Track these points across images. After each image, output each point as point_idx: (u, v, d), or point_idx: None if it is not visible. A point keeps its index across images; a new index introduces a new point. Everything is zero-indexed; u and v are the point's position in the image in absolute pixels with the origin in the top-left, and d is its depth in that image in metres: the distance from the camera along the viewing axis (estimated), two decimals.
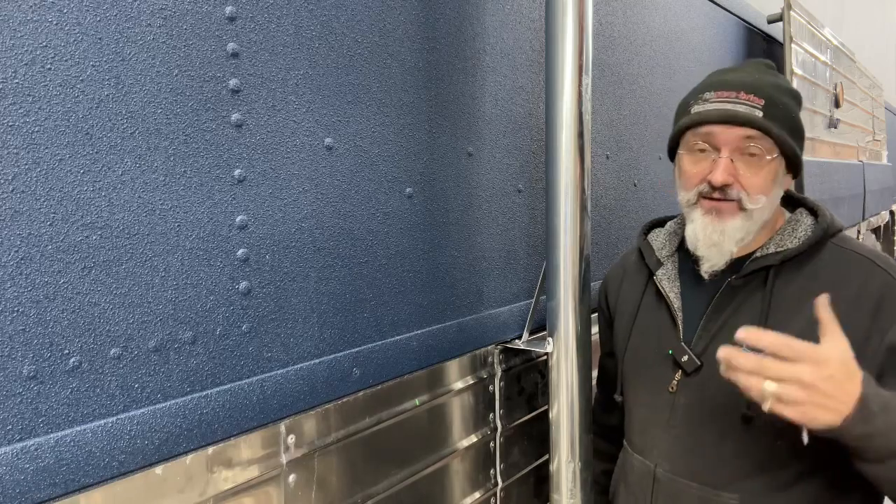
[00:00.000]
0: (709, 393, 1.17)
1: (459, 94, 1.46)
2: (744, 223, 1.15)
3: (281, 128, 1.09)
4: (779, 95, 1.15)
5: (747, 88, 1.14)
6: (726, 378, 0.99)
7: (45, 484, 0.82)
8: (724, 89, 1.16)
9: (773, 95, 1.14)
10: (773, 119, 1.13)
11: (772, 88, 1.15)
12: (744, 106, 1.13)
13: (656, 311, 1.30)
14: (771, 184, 1.15)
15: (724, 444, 1.15)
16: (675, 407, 1.22)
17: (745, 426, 1.12)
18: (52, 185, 0.83)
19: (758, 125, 1.12)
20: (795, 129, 1.17)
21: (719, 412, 1.15)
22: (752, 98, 1.13)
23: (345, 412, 1.21)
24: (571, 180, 1.43)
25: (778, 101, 1.14)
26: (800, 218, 1.21)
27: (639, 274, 1.38)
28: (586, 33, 1.43)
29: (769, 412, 0.94)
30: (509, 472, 1.64)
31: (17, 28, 0.79)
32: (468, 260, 1.51)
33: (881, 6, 7.45)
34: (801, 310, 1.12)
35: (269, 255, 1.08)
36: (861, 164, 4.56)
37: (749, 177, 1.14)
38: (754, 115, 1.12)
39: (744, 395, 1.01)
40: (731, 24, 2.93)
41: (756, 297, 1.17)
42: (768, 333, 0.95)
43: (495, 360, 1.60)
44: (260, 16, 1.06)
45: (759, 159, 1.13)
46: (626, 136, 2.11)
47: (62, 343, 0.84)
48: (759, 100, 1.13)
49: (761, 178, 1.14)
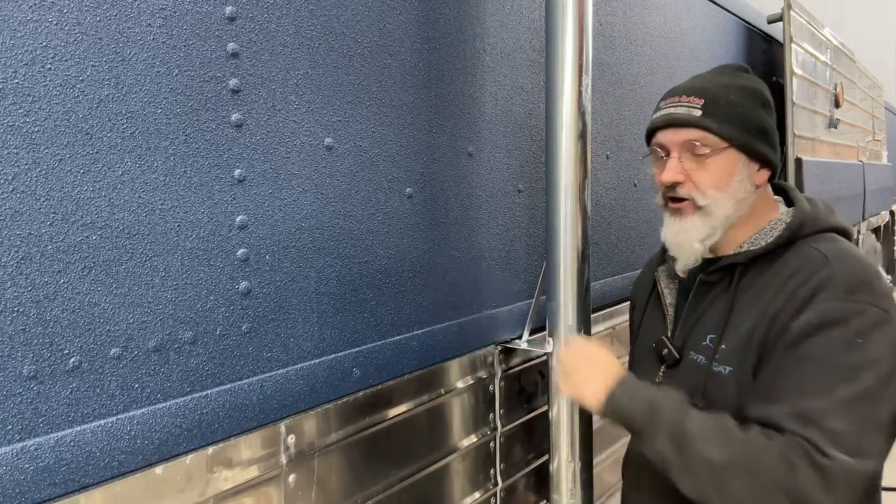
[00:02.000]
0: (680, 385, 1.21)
1: (459, 94, 1.46)
2: (703, 220, 1.19)
3: (281, 128, 1.09)
4: (725, 94, 1.19)
5: (689, 92, 1.21)
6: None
7: (45, 484, 0.82)
8: (672, 96, 1.24)
9: (716, 95, 1.19)
10: (711, 116, 1.17)
11: (718, 89, 1.20)
12: (683, 108, 1.20)
13: (657, 305, 1.37)
14: (725, 178, 1.18)
15: None
16: None
17: None
18: (52, 185, 0.83)
19: (693, 123, 1.18)
20: (747, 123, 1.19)
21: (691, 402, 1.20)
22: (693, 100, 1.19)
23: (345, 412, 1.21)
24: (571, 180, 1.43)
25: (721, 99, 1.18)
26: (783, 218, 1.22)
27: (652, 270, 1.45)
28: (586, 33, 1.43)
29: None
30: (509, 472, 1.64)
31: (17, 28, 0.79)
32: (468, 260, 1.50)
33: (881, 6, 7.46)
34: (756, 305, 1.15)
35: (269, 255, 1.08)
36: (861, 164, 4.56)
37: (698, 173, 1.18)
38: (691, 115, 1.18)
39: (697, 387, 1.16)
40: (731, 24, 2.93)
41: (724, 294, 1.21)
42: (573, 337, 1.28)
43: (495, 360, 1.59)
44: (260, 16, 1.06)
45: (704, 156, 1.18)
46: (626, 136, 2.11)
47: (62, 343, 0.84)
48: (698, 100, 1.19)
49: (709, 173, 1.18)
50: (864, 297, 1.06)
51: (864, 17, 6.42)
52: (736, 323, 1.16)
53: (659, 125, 1.23)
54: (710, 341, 1.19)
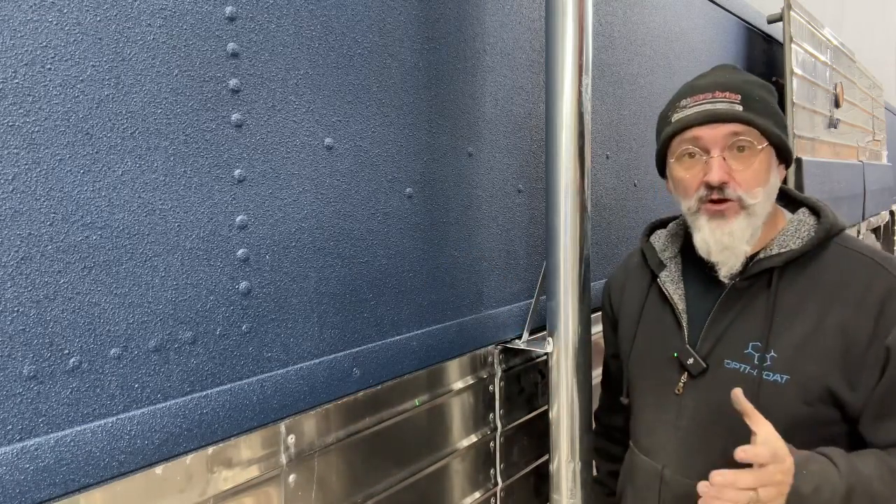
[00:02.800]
0: (714, 394, 1.17)
1: (459, 94, 1.46)
2: (748, 220, 1.15)
3: (281, 128, 1.09)
4: (753, 89, 1.17)
5: (721, 87, 1.16)
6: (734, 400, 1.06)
7: (45, 484, 0.82)
8: (698, 93, 1.18)
9: (747, 90, 1.16)
10: (753, 111, 1.14)
11: (744, 84, 1.17)
12: (723, 103, 1.15)
13: (661, 313, 1.30)
14: (765, 175, 1.16)
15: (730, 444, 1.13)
16: (681, 408, 1.22)
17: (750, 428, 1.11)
18: (52, 185, 0.83)
19: (741, 118, 1.13)
20: (777, 118, 1.18)
21: (725, 413, 1.14)
22: (729, 95, 1.15)
23: (345, 412, 1.21)
24: (571, 180, 1.43)
25: (754, 94, 1.16)
26: (802, 218, 1.20)
27: (642, 276, 1.38)
28: (586, 33, 1.43)
29: None
30: (509, 472, 1.64)
31: (17, 28, 0.79)
32: (468, 260, 1.51)
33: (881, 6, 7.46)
34: (804, 312, 1.13)
35: (269, 255, 1.08)
36: (861, 164, 4.56)
37: (742, 171, 1.14)
38: (735, 109, 1.14)
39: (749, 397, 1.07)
40: (731, 24, 2.93)
41: (760, 299, 1.17)
42: (748, 453, 1.01)
43: (495, 360, 1.59)
44: (260, 16, 1.06)
45: (750, 152, 1.14)
46: (626, 136, 2.11)
47: (62, 343, 0.84)
48: (735, 95, 1.15)
49: (755, 170, 1.14)
50: None
51: (864, 17, 6.42)
52: (782, 329, 1.13)
53: (696, 122, 1.15)
54: (754, 348, 1.15)
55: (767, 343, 1.13)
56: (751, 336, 1.16)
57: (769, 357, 1.13)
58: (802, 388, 1.10)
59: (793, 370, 1.11)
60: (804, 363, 1.10)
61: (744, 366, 1.15)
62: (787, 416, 1.09)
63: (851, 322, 1.09)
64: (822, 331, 1.10)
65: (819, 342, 1.10)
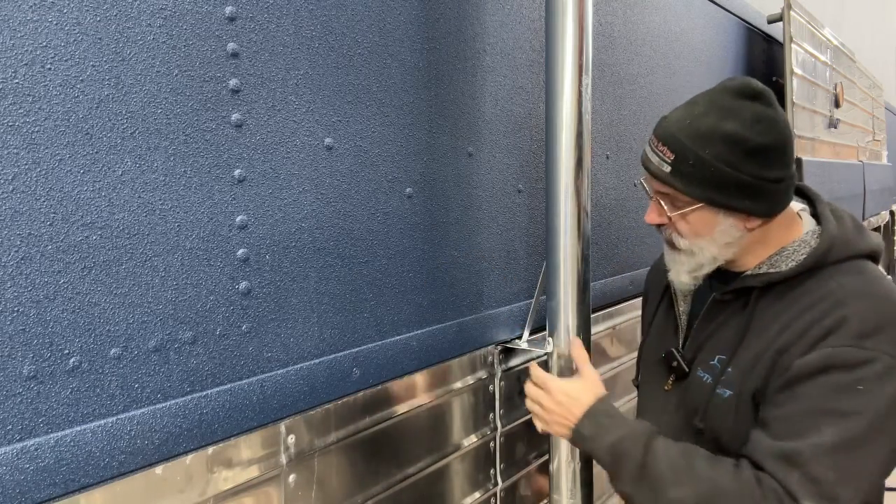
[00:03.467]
0: (687, 398, 1.23)
1: (459, 94, 1.46)
2: (687, 259, 1.17)
3: (281, 128, 1.09)
4: (699, 147, 1.07)
5: (664, 139, 1.11)
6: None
7: (45, 484, 0.82)
8: (655, 133, 1.15)
9: (685, 150, 1.08)
10: (679, 175, 1.09)
11: (693, 140, 1.08)
12: (656, 157, 1.13)
13: (668, 313, 1.36)
14: (705, 228, 1.13)
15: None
16: (666, 404, 1.29)
17: (698, 435, 1.18)
18: (52, 185, 0.83)
19: (663, 180, 1.12)
20: (721, 181, 1.07)
21: (686, 418, 1.22)
22: (665, 151, 1.11)
23: (345, 412, 1.21)
24: (571, 180, 1.43)
25: (690, 157, 1.07)
26: (807, 240, 1.15)
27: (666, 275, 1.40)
28: (586, 33, 1.43)
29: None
30: (509, 472, 1.64)
31: (17, 28, 0.79)
32: (468, 260, 1.50)
33: (881, 6, 7.46)
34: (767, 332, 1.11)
35: (269, 255, 1.08)
36: (861, 164, 4.56)
37: (677, 221, 1.15)
38: (661, 169, 1.12)
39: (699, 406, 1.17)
40: (731, 24, 2.93)
41: (737, 315, 1.18)
42: (534, 369, 1.32)
43: (495, 360, 1.59)
44: (260, 16, 1.06)
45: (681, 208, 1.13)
46: (626, 136, 2.11)
47: (62, 343, 0.84)
48: (670, 153, 1.10)
49: (687, 223, 1.14)
50: (879, 343, 1.00)
51: (864, 17, 6.42)
52: (746, 347, 1.13)
53: (643, 163, 1.17)
54: (719, 362, 1.17)
55: (731, 359, 1.15)
56: (721, 349, 1.18)
57: (727, 371, 1.15)
58: (738, 405, 1.12)
59: (737, 386, 1.13)
60: (747, 382, 1.11)
61: (707, 375, 1.19)
62: (726, 430, 1.14)
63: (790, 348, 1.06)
64: (767, 353, 1.09)
65: (761, 363, 1.10)
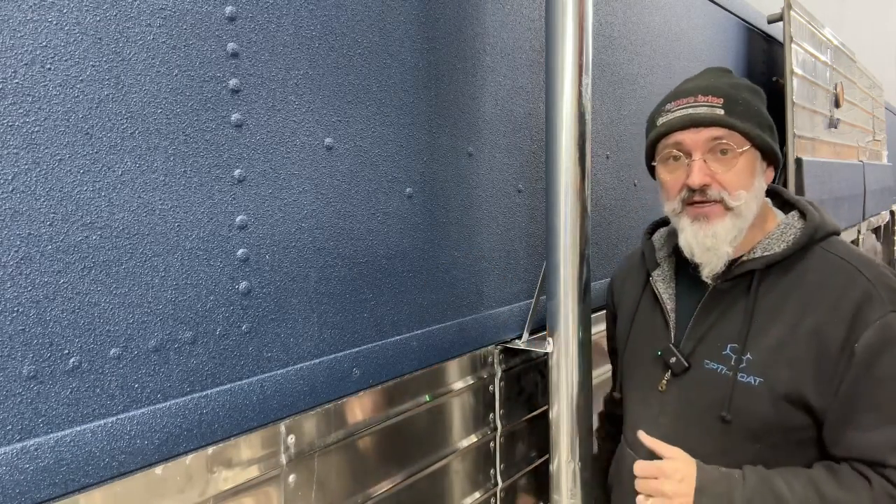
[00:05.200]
0: (693, 393, 1.21)
1: (459, 94, 1.46)
2: (733, 222, 1.16)
3: (281, 128, 1.09)
4: (737, 92, 1.18)
5: (704, 91, 1.18)
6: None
7: (45, 484, 0.82)
8: (682, 97, 1.20)
9: (730, 93, 1.17)
10: (734, 114, 1.15)
11: (728, 87, 1.18)
12: (704, 107, 1.16)
13: (652, 311, 1.33)
14: (749, 177, 1.17)
15: (705, 443, 1.18)
16: (663, 405, 1.25)
17: (724, 428, 1.15)
18: (52, 185, 0.83)
19: (720, 122, 1.15)
20: (761, 121, 1.19)
21: (702, 413, 1.19)
22: (711, 98, 1.17)
23: (345, 412, 1.21)
24: (571, 180, 1.43)
25: (737, 98, 1.17)
26: (790, 221, 1.22)
27: (640, 274, 1.41)
28: (586, 33, 1.43)
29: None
30: (509, 472, 1.64)
31: (17, 28, 0.79)
32: (468, 260, 1.50)
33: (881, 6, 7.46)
34: (782, 315, 1.14)
35: (269, 255, 1.08)
36: (861, 164, 4.56)
37: (724, 174, 1.16)
38: (716, 113, 1.16)
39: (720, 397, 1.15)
40: (731, 24, 2.93)
41: (741, 301, 1.19)
42: (638, 463, 1.18)
43: (495, 360, 1.59)
44: (260, 16, 1.06)
45: (732, 155, 1.16)
46: (626, 136, 2.11)
47: (62, 343, 0.84)
48: (717, 99, 1.16)
49: (736, 173, 1.16)
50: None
51: (864, 17, 6.42)
52: (760, 332, 1.15)
53: (678, 126, 1.18)
54: (732, 350, 1.17)
55: (745, 345, 1.15)
56: (730, 337, 1.18)
57: (745, 359, 1.15)
58: (774, 392, 1.12)
59: (766, 373, 1.12)
60: (777, 367, 1.12)
61: (721, 366, 1.18)
62: (757, 419, 1.13)
63: (825, 328, 1.09)
64: (796, 336, 1.11)
65: (793, 347, 1.11)
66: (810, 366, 1.09)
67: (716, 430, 1.16)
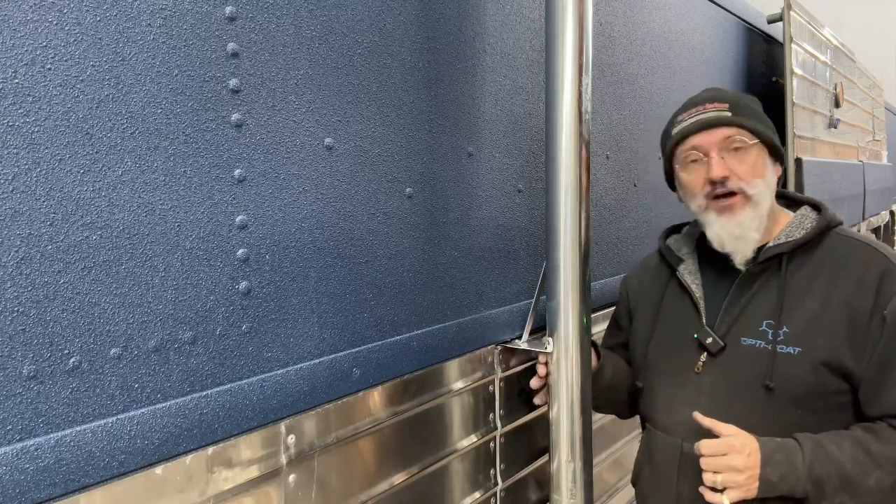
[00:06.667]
0: (733, 370, 1.31)
1: (459, 94, 1.46)
2: (754, 210, 1.32)
3: (281, 128, 1.09)
4: (739, 99, 1.38)
5: (710, 100, 1.37)
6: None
7: (45, 484, 0.82)
8: (692, 107, 1.39)
9: (734, 99, 1.37)
10: (740, 115, 1.34)
11: (731, 96, 1.38)
12: (713, 112, 1.35)
13: (680, 301, 1.45)
14: (762, 168, 1.34)
15: (749, 415, 1.27)
16: (701, 385, 1.35)
17: (768, 396, 1.26)
18: (52, 185, 0.83)
19: (730, 122, 1.33)
20: (764, 121, 1.37)
21: (744, 386, 1.29)
22: (718, 105, 1.36)
23: (345, 412, 1.21)
24: (571, 180, 1.43)
25: (740, 102, 1.37)
26: (805, 213, 1.38)
27: (660, 272, 1.54)
28: (586, 33, 1.43)
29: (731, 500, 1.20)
30: (509, 472, 1.64)
31: (17, 28, 0.79)
32: (468, 260, 1.50)
33: (881, 6, 7.46)
34: (812, 291, 1.28)
35: (269, 255, 1.08)
36: (861, 164, 4.56)
37: (740, 166, 1.32)
38: (724, 116, 1.34)
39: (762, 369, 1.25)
40: (731, 24, 2.93)
41: (772, 282, 1.32)
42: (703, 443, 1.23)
43: (495, 360, 1.59)
44: (260, 16, 1.06)
45: (744, 149, 1.33)
46: (626, 136, 2.11)
47: (62, 343, 0.84)
48: (723, 105, 1.35)
49: (751, 164, 1.32)
50: None
51: (864, 17, 6.42)
52: (793, 307, 1.27)
53: (693, 130, 1.35)
54: (768, 326, 1.29)
55: (780, 320, 1.28)
56: (765, 314, 1.30)
57: (782, 332, 1.27)
58: (813, 359, 1.23)
59: (804, 343, 1.24)
60: (814, 336, 1.24)
61: (759, 341, 1.29)
62: (800, 385, 1.24)
63: (854, 298, 1.23)
64: (829, 307, 1.24)
65: (827, 318, 1.24)
66: (844, 334, 1.22)
67: (760, 401, 1.26)
